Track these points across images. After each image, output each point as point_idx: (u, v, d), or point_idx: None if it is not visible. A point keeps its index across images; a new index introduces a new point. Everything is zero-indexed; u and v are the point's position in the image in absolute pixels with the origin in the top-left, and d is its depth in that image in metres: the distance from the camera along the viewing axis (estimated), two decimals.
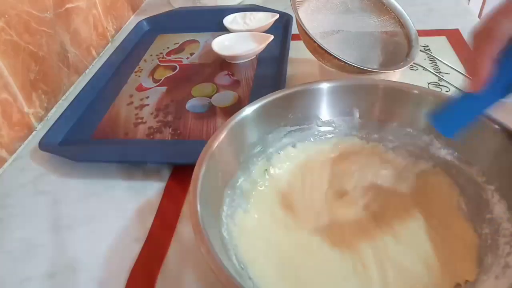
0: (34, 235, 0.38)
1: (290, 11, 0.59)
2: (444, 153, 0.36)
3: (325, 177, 0.38)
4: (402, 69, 0.44)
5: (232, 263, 0.28)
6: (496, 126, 0.32)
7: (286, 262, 0.32)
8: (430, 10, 0.69)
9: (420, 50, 0.56)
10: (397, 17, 0.48)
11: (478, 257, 0.30)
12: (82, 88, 0.55)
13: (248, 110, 0.36)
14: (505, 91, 0.27)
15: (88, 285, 0.34)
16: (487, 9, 1.39)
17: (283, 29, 0.64)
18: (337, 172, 0.38)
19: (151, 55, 0.63)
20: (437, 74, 0.53)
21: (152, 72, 0.59)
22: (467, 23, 0.64)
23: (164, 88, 0.55)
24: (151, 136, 0.47)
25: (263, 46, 0.58)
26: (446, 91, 0.50)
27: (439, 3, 0.71)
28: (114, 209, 0.40)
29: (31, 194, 0.42)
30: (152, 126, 0.49)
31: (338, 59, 0.41)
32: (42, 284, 0.34)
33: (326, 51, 0.42)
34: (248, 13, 0.66)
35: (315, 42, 0.42)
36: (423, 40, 0.55)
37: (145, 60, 0.62)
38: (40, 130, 0.51)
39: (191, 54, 0.63)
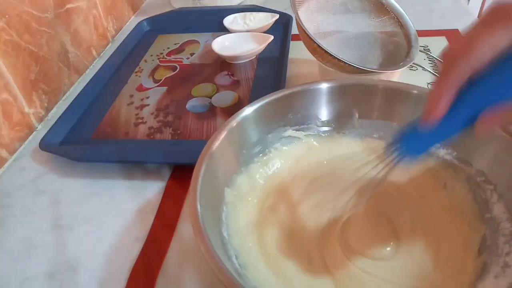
0: (34, 235, 0.38)
1: (290, 12, 0.59)
2: (443, 153, 0.36)
3: (326, 176, 0.38)
4: (402, 69, 0.44)
5: (232, 263, 0.29)
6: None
7: (286, 262, 0.32)
8: (429, 10, 0.69)
9: (420, 50, 0.56)
10: (397, 17, 0.48)
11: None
12: (83, 88, 0.55)
13: (248, 110, 0.36)
14: (463, 125, 0.24)
15: (89, 284, 0.34)
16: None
17: (283, 29, 0.64)
18: (338, 170, 0.38)
19: (151, 55, 0.64)
20: (436, 74, 0.53)
21: (153, 72, 0.59)
22: (466, 23, 0.63)
23: (164, 88, 0.55)
24: (152, 136, 0.47)
25: (263, 46, 0.58)
26: None
27: (438, 3, 0.71)
28: (115, 209, 0.40)
29: (31, 194, 0.43)
30: (152, 126, 0.49)
31: (338, 59, 0.42)
32: (42, 283, 0.34)
33: (325, 51, 0.42)
34: (248, 13, 0.66)
35: (315, 43, 0.42)
36: (422, 40, 0.55)
37: (145, 60, 0.62)
38: (41, 130, 0.51)
39: (191, 54, 0.63)
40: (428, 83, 0.52)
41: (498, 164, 0.32)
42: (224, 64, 0.59)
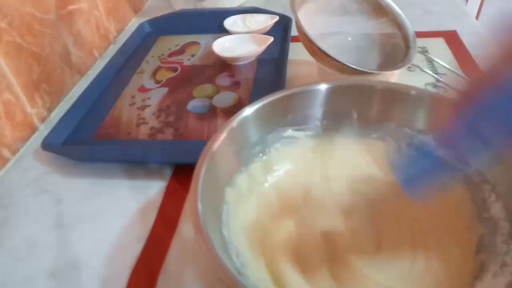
0: (37, 234, 0.39)
1: (289, 14, 0.60)
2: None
3: (325, 176, 0.38)
4: (400, 70, 0.44)
5: (233, 261, 0.29)
6: None
7: (286, 261, 0.32)
8: (427, 11, 0.70)
9: (418, 52, 0.56)
10: (395, 19, 0.49)
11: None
12: (85, 89, 0.55)
13: (248, 111, 0.36)
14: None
15: (91, 283, 0.34)
16: (485, 11, 1.39)
17: (283, 31, 0.64)
18: (338, 170, 0.38)
19: (152, 56, 0.64)
20: (434, 75, 0.54)
21: (154, 73, 0.60)
22: (464, 25, 0.64)
23: (165, 89, 0.56)
24: (153, 136, 0.48)
25: (263, 47, 0.59)
26: (444, 92, 0.50)
27: (436, 5, 0.71)
28: (117, 208, 0.40)
29: (34, 194, 0.43)
30: (154, 127, 0.49)
31: (337, 60, 0.42)
32: (45, 282, 0.35)
33: (325, 53, 0.42)
34: (248, 15, 0.67)
35: (314, 44, 0.42)
36: (420, 42, 0.55)
37: (147, 62, 0.63)
38: (43, 130, 0.51)
39: (192, 55, 0.63)
40: (426, 84, 0.52)
41: (496, 164, 0.32)
42: (224, 65, 0.60)
